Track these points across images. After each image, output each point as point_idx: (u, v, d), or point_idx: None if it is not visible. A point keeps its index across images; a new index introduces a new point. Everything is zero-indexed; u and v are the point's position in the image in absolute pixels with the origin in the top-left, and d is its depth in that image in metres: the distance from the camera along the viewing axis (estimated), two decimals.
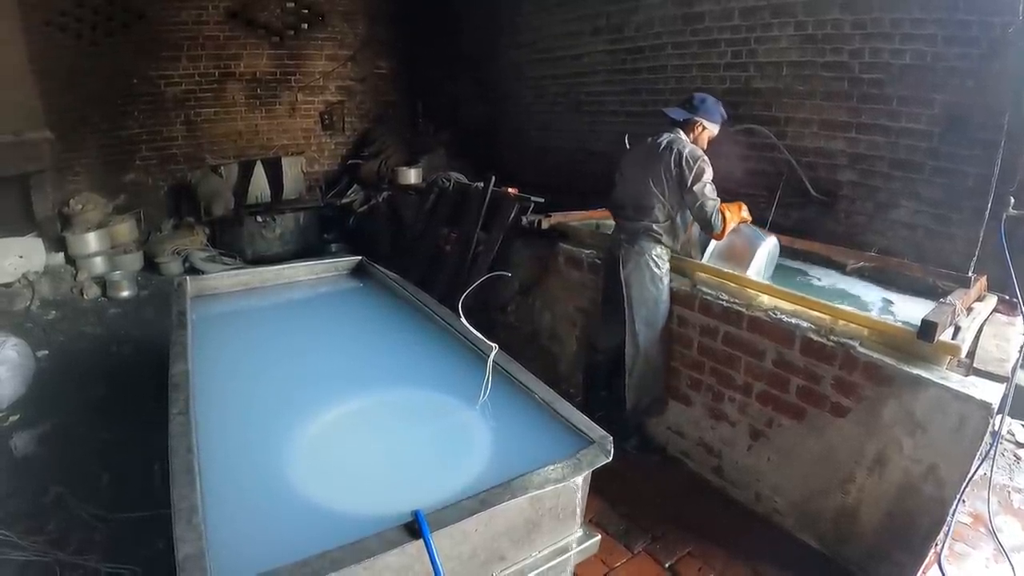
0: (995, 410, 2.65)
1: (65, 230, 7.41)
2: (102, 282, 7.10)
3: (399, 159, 9.10)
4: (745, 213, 4.02)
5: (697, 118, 3.97)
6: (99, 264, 7.41)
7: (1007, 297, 3.64)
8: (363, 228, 8.36)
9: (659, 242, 3.94)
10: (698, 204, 3.77)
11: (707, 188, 3.76)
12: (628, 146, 4.47)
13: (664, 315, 3.98)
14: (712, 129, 4.03)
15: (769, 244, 4.10)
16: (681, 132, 3.98)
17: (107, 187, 8.15)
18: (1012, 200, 3.62)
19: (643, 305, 3.94)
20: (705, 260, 4.11)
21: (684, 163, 3.77)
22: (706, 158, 3.82)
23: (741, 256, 4.03)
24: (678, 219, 3.96)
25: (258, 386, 3.01)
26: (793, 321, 3.33)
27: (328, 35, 9.40)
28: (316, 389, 2.95)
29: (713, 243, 4.11)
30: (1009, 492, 3.82)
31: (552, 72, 7.74)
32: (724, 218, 3.78)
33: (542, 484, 2.09)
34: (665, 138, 3.94)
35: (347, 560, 1.73)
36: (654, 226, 3.93)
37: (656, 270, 3.93)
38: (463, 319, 3.06)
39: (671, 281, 3.99)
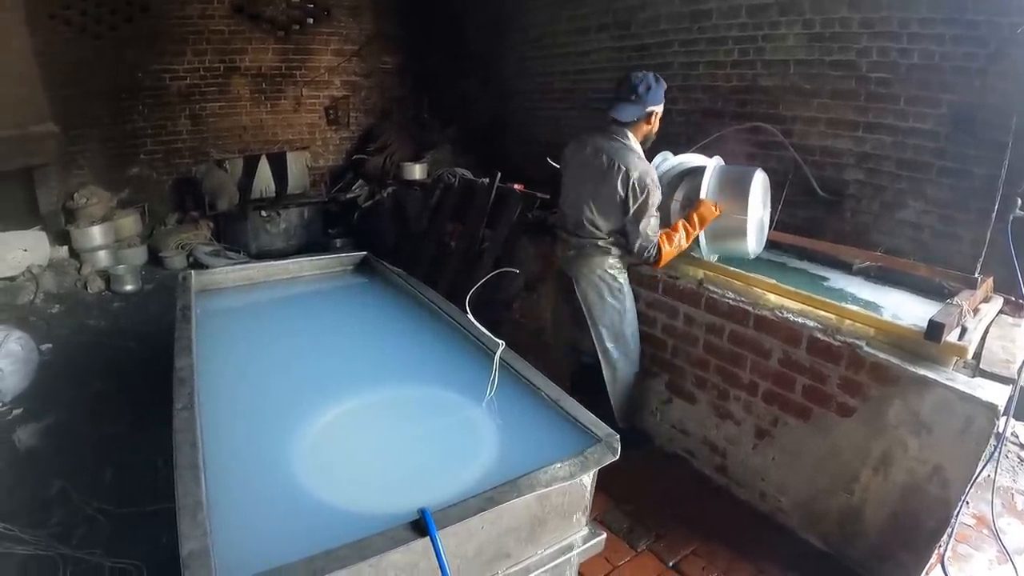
0: (1000, 412, 2.65)
1: (69, 224, 7.43)
2: (106, 276, 7.11)
3: (404, 154, 9.08)
4: (698, 215, 3.76)
5: (649, 108, 3.66)
6: (103, 258, 7.41)
7: (1013, 298, 3.63)
8: (367, 223, 8.36)
9: (608, 253, 3.83)
10: (637, 240, 3.65)
11: (651, 224, 3.62)
12: (563, 160, 4.10)
13: (632, 323, 3.97)
14: (662, 108, 3.76)
15: (755, 212, 3.89)
16: (629, 134, 3.72)
17: (111, 181, 8.15)
18: (1019, 201, 3.61)
19: (607, 320, 3.91)
20: (703, 246, 3.99)
21: (632, 190, 3.57)
22: (655, 179, 3.63)
23: (735, 232, 3.89)
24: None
25: (263, 382, 3.00)
26: (800, 320, 3.33)
27: (334, 30, 9.39)
28: (320, 385, 2.95)
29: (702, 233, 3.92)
30: (1013, 494, 3.81)
31: (559, 68, 7.71)
32: (661, 252, 3.64)
33: (549, 482, 2.09)
34: (608, 150, 3.69)
35: (353, 558, 1.72)
36: (600, 242, 3.81)
37: (613, 282, 3.86)
38: (470, 315, 3.06)
39: (631, 289, 3.97)
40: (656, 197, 3.63)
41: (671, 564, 3.24)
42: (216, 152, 8.96)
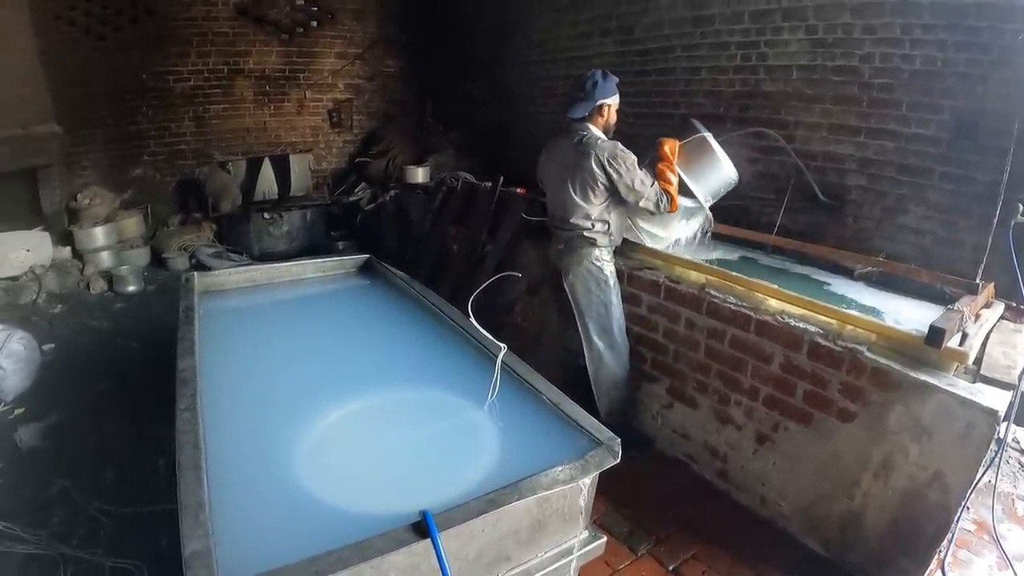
0: (1001, 417, 2.65)
1: (72, 224, 7.44)
2: (109, 276, 7.12)
3: (407, 158, 9.11)
4: (667, 150, 3.91)
5: (599, 102, 3.87)
6: (106, 259, 7.41)
7: (1014, 304, 3.63)
8: (370, 226, 8.37)
9: (595, 245, 3.93)
10: (643, 200, 3.80)
11: (641, 180, 3.76)
12: (540, 168, 4.31)
13: (619, 318, 4.01)
14: (615, 101, 3.97)
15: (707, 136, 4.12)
16: (589, 126, 3.91)
17: (115, 182, 8.19)
18: (1021, 207, 3.62)
19: (593, 312, 3.98)
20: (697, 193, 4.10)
21: (607, 165, 3.73)
22: (621, 147, 3.79)
23: (707, 157, 4.07)
24: (611, 217, 3.94)
25: (265, 383, 3.01)
26: (801, 325, 3.33)
27: (337, 33, 9.41)
28: (323, 387, 2.95)
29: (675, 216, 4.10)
30: (1013, 500, 3.81)
31: (562, 73, 7.71)
32: (671, 194, 3.83)
33: (550, 485, 2.09)
34: (575, 139, 3.88)
35: (354, 559, 1.73)
36: (585, 233, 3.92)
37: (599, 273, 3.94)
38: (472, 318, 3.07)
39: (619, 281, 4.07)
40: (632, 158, 3.78)
41: (671, 568, 3.24)
42: (219, 154, 8.98)
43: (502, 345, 2.87)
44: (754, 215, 5.19)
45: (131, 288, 7.03)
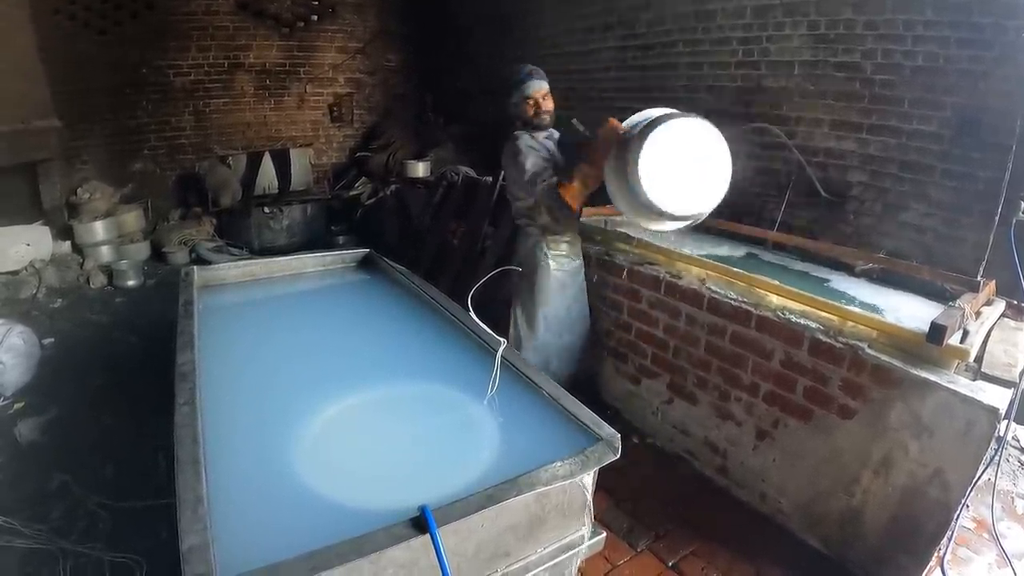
0: (1001, 415, 2.64)
1: (72, 219, 7.44)
2: (108, 271, 7.13)
3: (407, 152, 9.10)
4: (608, 126, 3.45)
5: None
6: (106, 253, 7.44)
7: (1015, 302, 3.63)
8: (370, 221, 8.37)
9: (529, 235, 3.98)
10: (537, 192, 3.62)
11: (530, 174, 3.66)
12: None
13: (546, 310, 3.99)
14: (524, 92, 3.93)
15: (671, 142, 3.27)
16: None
17: (115, 176, 8.18)
18: (1023, 204, 3.61)
19: (522, 296, 4.01)
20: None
21: (504, 159, 3.87)
22: (521, 141, 3.78)
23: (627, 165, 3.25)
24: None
25: (264, 378, 3.00)
26: (802, 322, 3.32)
27: (338, 27, 9.42)
28: (322, 382, 2.94)
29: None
30: (1013, 498, 3.80)
31: (563, 68, 7.68)
32: (565, 196, 3.48)
33: (549, 481, 2.08)
34: None
35: (352, 554, 1.72)
36: (518, 221, 4.04)
37: (532, 259, 3.96)
38: (472, 313, 3.06)
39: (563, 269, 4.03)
40: (523, 155, 3.71)
41: (671, 564, 3.23)
42: (219, 148, 9.00)
43: (502, 340, 2.86)
44: (755, 211, 5.18)
45: (131, 282, 7.04)
